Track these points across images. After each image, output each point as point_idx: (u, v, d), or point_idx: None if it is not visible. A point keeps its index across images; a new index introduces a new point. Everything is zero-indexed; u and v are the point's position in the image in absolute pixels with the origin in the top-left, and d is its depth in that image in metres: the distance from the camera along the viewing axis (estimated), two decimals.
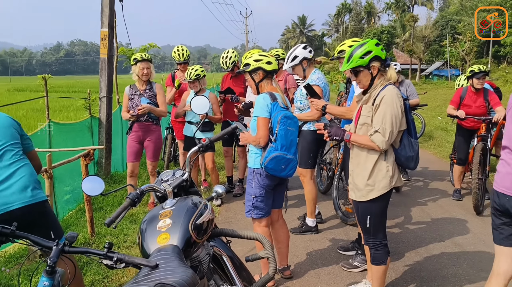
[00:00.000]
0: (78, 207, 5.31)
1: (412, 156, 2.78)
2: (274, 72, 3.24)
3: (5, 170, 2.55)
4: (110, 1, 6.15)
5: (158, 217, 2.19)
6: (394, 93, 2.71)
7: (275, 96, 3.10)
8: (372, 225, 2.91)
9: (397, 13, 61.56)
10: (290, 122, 3.06)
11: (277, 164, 3.01)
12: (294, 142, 3.12)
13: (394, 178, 2.81)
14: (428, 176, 6.97)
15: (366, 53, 2.75)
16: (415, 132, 2.84)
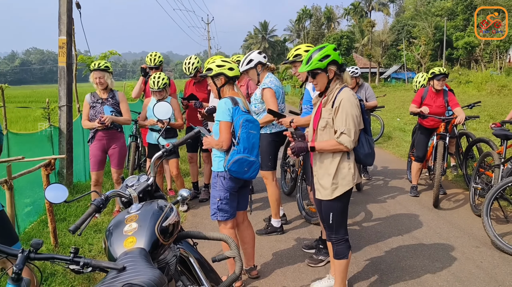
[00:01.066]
0: (39, 219, 5.18)
1: (370, 152, 2.96)
2: (236, 78, 3.34)
3: None
4: (68, 9, 6.06)
5: (124, 221, 2.22)
6: (351, 95, 2.88)
7: (237, 101, 3.20)
8: (334, 222, 3.05)
9: (355, 19, 63.42)
10: (251, 126, 3.16)
11: (240, 166, 3.10)
12: (256, 145, 3.22)
13: (356, 175, 2.97)
14: (387, 174, 7.25)
15: (325, 57, 2.88)
16: (370, 131, 3.02)
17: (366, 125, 2.95)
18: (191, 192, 2.77)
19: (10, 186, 3.39)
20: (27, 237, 4.56)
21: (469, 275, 3.57)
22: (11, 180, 3.41)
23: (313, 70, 2.92)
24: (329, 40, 51.50)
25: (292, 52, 4.04)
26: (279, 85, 4.34)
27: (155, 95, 5.11)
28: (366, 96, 6.64)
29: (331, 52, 2.88)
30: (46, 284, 3.50)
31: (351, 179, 2.94)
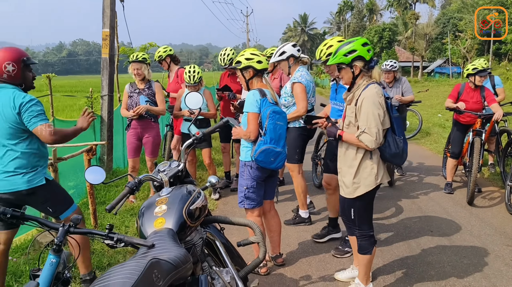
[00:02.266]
0: (81, 201, 5.51)
1: (397, 152, 2.87)
2: (264, 71, 3.42)
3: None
4: (111, 2, 6.34)
5: (155, 203, 2.38)
6: (374, 93, 2.81)
7: (265, 93, 3.28)
8: (356, 218, 3.06)
9: (399, 11, 61.55)
10: (278, 117, 3.23)
11: (266, 156, 3.20)
12: (283, 136, 3.30)
13: (379, 175, 2.94)
14: (422, 171, 7.14)
15: (350, 51, 2.85)
16: (400, 130, 2.93)
17: (393, 124, 2.89)
18: (219, 179, 2.90)
19: (55, 168, 3.66)
20: None
21: (497, 272, 3.52)
22: (56, 163, 3.67)
23: (338, 64, 2.92)
24: (371, 33, 50.43)
25: (324, 50, 3.92)
26: (310, 80, 4.37)
27: (190, 89, 5.25)
28: (402, 91, 6.56)
29: (358, 48, 2.83)
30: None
31: (374, 179, 2.92)
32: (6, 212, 1.90)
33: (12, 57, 2.89)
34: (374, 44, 45.50)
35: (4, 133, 2.86)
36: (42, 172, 2.98)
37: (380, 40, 49.46)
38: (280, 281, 3.51)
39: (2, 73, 2.87)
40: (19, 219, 1.96)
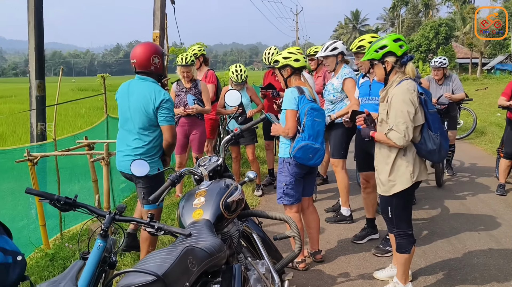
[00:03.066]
0: (132, 194, 5.82)
1: (434, 149, 2.81)
2: (302, 69, 3.46)
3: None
4: (161, 5, 6.62)
5: (194, 195, 2.52)
6: (405, 89, 2.77)
7: (303, 90, 3.33)
8: (394, 216, 3.03)
9: (457, 5, 58.64)
10: (316, 114, 3.27)
11: (304, 153, 3.23)
12: (321, 133, 3.32)
13: (415, 173, 2.89)
14: (474, 171, 6.85)
15: (381, 47, 2.86)
16: (437, 126, 2.85)
17: (428, 120, 2.83)
18: (256, 175, 2.98)
19: (107, 162, 3.91)
20: None
21: None
22: (108, 157, 3.92)
23: (370, 60, 2.94)
24: (426, 28, 48.44)
25: (356, 43, 4.06)
26: (355, 77, 4.40)
27: (234, 87, 5.41)
28: (452, 88, 6.33)
29: (389, 43, 2.83)
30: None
31: (409, 177, 2.88)
32: (60, 199, 2.09)
33: (157, 51, 3.26)
34: (429, 40, 43.67)
35: (138, 122, 3.21)
36: (156, 162, 3.31)
37: (436, 36, 47.42)
38: (318, 277, 3.54)
39: (150, 65, 3.22)
40: (71, 205, 2.14)
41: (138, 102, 3.21)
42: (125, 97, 3.31)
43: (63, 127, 12.54)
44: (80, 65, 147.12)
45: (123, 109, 3.32)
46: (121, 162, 3.34)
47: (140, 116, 3.21)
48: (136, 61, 3.25)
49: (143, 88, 3.22)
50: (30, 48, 5.60)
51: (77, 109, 17.70)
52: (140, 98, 3.20)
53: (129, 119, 3.27)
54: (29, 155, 3.79)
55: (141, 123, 3.22)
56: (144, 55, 3.21)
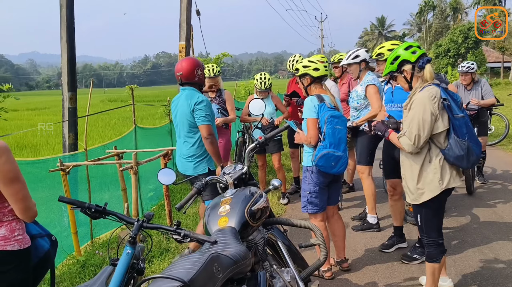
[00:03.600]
0: (160, 203, 5.93)
1: (462, 155, 2.74)
2: (323, 77, 3.46)
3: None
4: (187, 17, 6.77)
5: (220, 203, 2.55)
6: (426, 96, 2.74)
7: (323, 98, 3.32)
8: (423, 224, 2.98)
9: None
10: (337, 121, 3.25)
11: (327, 161, 3.23)
12: (343, 140, 3.30)
13: (445, 179, 2.83)
14: (507, 178, 6.63)
15: (395, 58, 2.89)
16: (465, 131, 2.77)
17: (455, 126, 2.76)
18: (281, 182, 3.00)
19: (135, 171, 4.00)
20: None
21: None
22: (136, 166, 4.02)
23: (391, 73, 2.96)
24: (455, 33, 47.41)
25: (376, 50, 4.05)
26: (379, 84, 4.37)
27: (259, 95, 5.49)
28: (482, 93, 6.18)
29: (401, 52, 2.86)
30: (161, 258, 4.06)
31: (438, 184, 2.82)
32: (90, 207, 2.17)
33: (199, 64, 3.71)
34: (458, 44, 42.67)
35: (184, 127, 3.67)
36: (206, 162, 3.71)
37: (466, 40, 46.38)
38: (344, 286, 3.51)
39: (194, 76, 3.64)
40: (101, 213, 2.22)
41: (181, 110, 3.66)
42: (174, 108, 3.80)
43: (93, 138, 12.92)
44: (110, 77, 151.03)
45: (174, 118, 3.83)
46: (178, 163, 3.83)
47: (183, 122, 3.66)
48: (182, 73, 3.63)
49: (184, 96, 3.65)
50: (62, 62, 5.83)
51: (107, 119, 18.19)
52: (182, 106, 3.64)
53: (178, 126, 3.76)
54: (61, 164, 3.94)
55: (185, 128, 3.66)
56: (189, 69, 3.61)
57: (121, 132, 12.98)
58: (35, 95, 73.49)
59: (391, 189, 4.05)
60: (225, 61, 8.93)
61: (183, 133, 3.71)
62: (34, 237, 2.27)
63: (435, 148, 2.83)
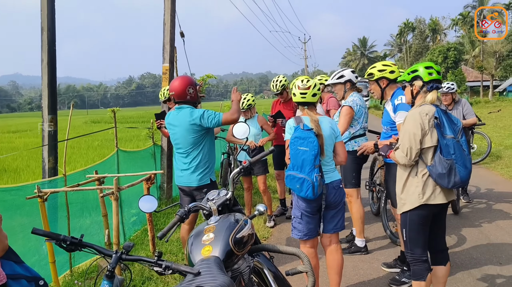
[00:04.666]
0: (143, 228, 5.76)
1: (444, 173, 2.78)
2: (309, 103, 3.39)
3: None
4: (170, 39, 6.74)
5: (203, 231, 2.46)
6: (416, 112, 2.88)
7: (300, 119, 3.30)
8: (408, 238, 3.01)
9: (464, 29, 59.04)
10: (301, 142, 3.15)
11: (291, 183, 3.19)
12: (308, 162, 3.12)
13: (425, 194, 2.89)
14: (492, 197, 6.66)
15: (413, 71, 3.03)
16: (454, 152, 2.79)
17: (441, 145, 2.81)
18: (266, 207, 2.92)
19: (116, 197, 3.88)
20: None
21: None
22: (117, 192, 3.90)
23: (402, 82, 3.14)
24: (434, 53, 48.73)
25: (368, 70, 4.04)
26: (362, 105, 4.37)
27: (243, 115, 5.47)
28: (463, 113, 6.25)
29: (420, 68, 2.99)
30: (145, 286, 3.91)
31: (417, 197, 2.90)
32: (66, 239, 2.05)
33: (191, 82, 3.75)
34: (438, 64, 43.73)
35: (186, 143, 3.75)
36: (208, 173, 3.82)
37: (445, 60, 47.58)
38: None
39: (186, 95, 3.71)
40: (77, 245, 2.10)
41: (181, 128, 3.73)
42: (171, 126, 3.85)
43: (75, 160, 12.66)
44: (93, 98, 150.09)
45: (172, 136, 3.88)
46: (179, 177, 3.90)
47: (185, 137, 3.73)
48: (174, 93, 3.72)
49: (181, 115, 3.72)
50: (43, 85, 5.73)
51: (90, 141, 17.92)
52: (182, 124, 3.71)
53: (179, 144, 3.81)
54: (39, 191, 3.80)
55: (187, 144, 3.75)
56: (180, 87, 3.69)
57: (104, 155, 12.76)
58: (17, 117, 72.41)
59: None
60: (209, 82, 8.90)
61: (185, 149, 3.78)
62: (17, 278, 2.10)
63: (422, 163, 2.92)
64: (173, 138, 3.88)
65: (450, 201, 2.97)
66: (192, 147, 3.76)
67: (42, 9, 5.67)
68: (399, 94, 3.66)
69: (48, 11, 5.66)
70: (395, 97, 3.70)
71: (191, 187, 3.82)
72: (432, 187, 2.90)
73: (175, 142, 3.88)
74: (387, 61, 3.98)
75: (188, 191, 3.89)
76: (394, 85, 3.81)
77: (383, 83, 3.81)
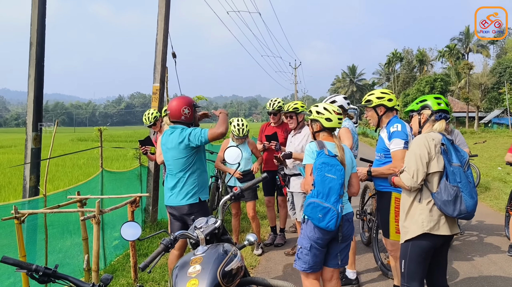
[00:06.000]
0: (125, 253, 5.52)
1: (449, 200, 2.73)
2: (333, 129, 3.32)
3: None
4: (162, 59, 6.66)
5: (189, 263, 2.30)
6: (422, 137, 2.88)
7: (323, 145, 3.12)
8: (406, 270, 2.91)
9: (451, 61, 60.52)
10: (329, 169, 2.98)
11: (312, 211, 2.95)
12: (335, 191, 2.96)
13: (429, 223, 2.80)
14: (482, 230, 6.58)
15: (421, 101, 3.04)
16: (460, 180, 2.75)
17: (447, 171, 2.78)
18: (257, 238, 2.77)
19: (98, 220, 3.69)
20: (111, 269, 4.86)
21: None
22: (99, 215, 3.71)
23: (410, 112, 3.13)
24: (421, 83, 49.60)
25: (365, 97, 3.95)
26: (354, 131, 4.32)
27: (236, 141, 5.34)
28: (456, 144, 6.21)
29: (429, 98, 3.02)
30: None
31: (420, 225, 2.82)
32: (38, 269, 1.88)
33: (187, 103, 3.69)
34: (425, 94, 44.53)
35: (177, 166, 3.69)
36: (198, 192, 3.74)
37: (432, 90, 48.44)
38: None
39: (180, 115, 3.66)
40: (50, 276, 1.93)
41: (172, 149, 3.70)
42: (164, 147, 3.81)
43: (59, 178, 12.34)
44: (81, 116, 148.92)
45: (164, 155, 3.84)
46: (168, 197, 3.82)
47: (176, 159, 3.70)
48: (170, 112, 3.72)
49: (173, 136, 3.69)
50: (29, 101, 5.55)
51: (75, 159, 17.56)
52: (173, 145, 3.67)
53: (170, 165, 3.78)
54: (16, 212, 3.59)
55: (180, 166, 3.70)
56: (176, 107, 3.67)
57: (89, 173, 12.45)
58: (2, 132, 71.27)
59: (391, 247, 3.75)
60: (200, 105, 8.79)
61: (175, 169, 3.73)
62: None
63: (426, 190, 2.86)
64: (166, 158, 3.83)
65: (454, 234, 2.87)
66: (183, 167, 3.70)
67: (32, 23, 5.54)
68: (395, 122, 3.59)
69: (38, 25, 5.53)
70: (390, 124, 3.62)
71: (180, 208, 3.72)
72: (437, 216, 2.82)
73: (167, 162, 3.83)
74: (385, 89, 3.92)
75: (178, 215, 3.79)
76: (391, 113, 3.75)
77: (381, 111, 3.73)
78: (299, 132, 4.98)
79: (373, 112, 3.78)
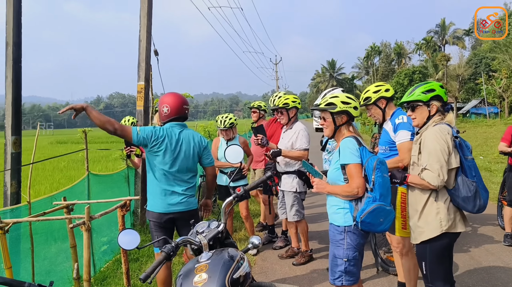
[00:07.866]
0: (114, 258, 5.31)
1: (469, 196, 2.64)
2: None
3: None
4: (146, 56, 6.44)
5: (194, 271, 2.14)
6: (438, 130, 2.70)
7: (360, 141, 2.86)
8: (428, 271, 2.79)
9: (428, 53, 61.46)
10: (384, 168, 2.71)
11: (375, 217, 2.62)
12: (390, 191, 2.74)
13: (447, 222, 2.69)
14: (475, 220, 6.57)
15: (429, 90, 2.81)
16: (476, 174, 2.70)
17: (464, 165, 2.68)
18: (261, 240, 2.63)
19: (88, 227, 3.48)
20: (102, 277, 4.66)
21: None
22: (89, 221, 3.51)
23: (414, 101, 2.85)
24: (400, 76, 50.18)
25: (362, 95, 3.75)
26: None
27: (222, 135, 5.20)
28: None
29: (437, 88, 2.82)
30: None
31: (439, 225, 2.68)
32: None
33: (185, 100, 3.58)
34: (404, 87, 45.02)
35: (186, 169, 3.53)
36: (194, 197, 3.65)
37: (411, 83, 49.06)
38: None
39: (184, 111, 3.52)
40: None
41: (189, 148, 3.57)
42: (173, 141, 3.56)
43: (40, 183, 11.93)
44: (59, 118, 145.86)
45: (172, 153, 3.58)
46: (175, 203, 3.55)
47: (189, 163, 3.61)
48: (171, 109, 3.53)
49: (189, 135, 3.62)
50: (7, 103, 5.28)
51: (56, 163, 17.09)
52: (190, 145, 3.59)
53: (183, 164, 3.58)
54: None
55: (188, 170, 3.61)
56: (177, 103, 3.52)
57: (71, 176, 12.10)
58: None
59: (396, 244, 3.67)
60: None
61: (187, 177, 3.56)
62: None
63: (442, 188, 2.71)
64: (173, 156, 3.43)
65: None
66: (189, 174, 3.58)
67: (8, 22, 5.27)
68: (400, 114, 3.49)
69: (14, 24, 5.27)
70: (395, 116, 3.51)
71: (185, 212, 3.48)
72: (453, 215, 2.72)
73: (178, 160, 3.46)
74: (379, 82, 3.82)
75: (160, 222, 3.47)
76: (393, 104, 3.65)
77: (382, 104, 3.62)
78: (290, 128, 4.83)
79: (375, 108, 3.65)
